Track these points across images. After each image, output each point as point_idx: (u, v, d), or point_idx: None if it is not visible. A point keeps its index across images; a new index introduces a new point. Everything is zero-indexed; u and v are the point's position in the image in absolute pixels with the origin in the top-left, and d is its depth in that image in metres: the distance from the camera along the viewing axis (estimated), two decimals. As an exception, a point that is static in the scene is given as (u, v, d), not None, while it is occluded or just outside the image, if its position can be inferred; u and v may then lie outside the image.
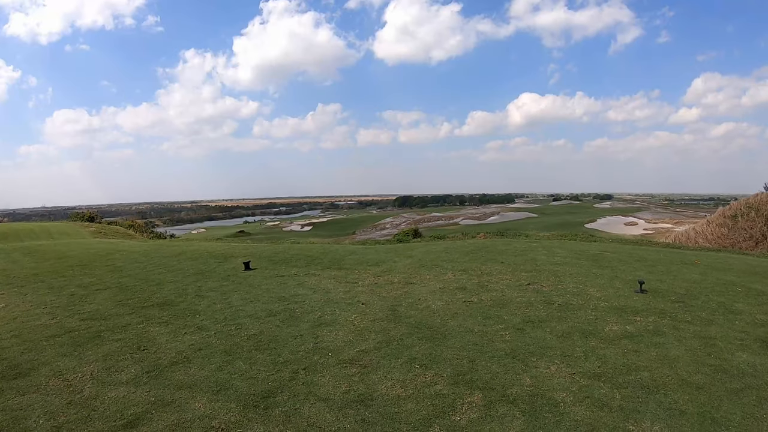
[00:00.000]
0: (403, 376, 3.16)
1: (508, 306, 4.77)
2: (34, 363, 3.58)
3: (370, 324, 4.27)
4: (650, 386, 3.00)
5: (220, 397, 2.93)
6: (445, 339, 3.84)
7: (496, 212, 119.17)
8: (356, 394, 2.93)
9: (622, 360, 3.40)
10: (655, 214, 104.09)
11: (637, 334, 3.95)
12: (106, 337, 4.14)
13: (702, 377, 3.14)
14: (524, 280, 5.85)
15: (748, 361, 3.43)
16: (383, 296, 5.24)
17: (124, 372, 3.36)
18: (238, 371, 3.30)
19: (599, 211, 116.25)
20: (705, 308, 4.75)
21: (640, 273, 6.35)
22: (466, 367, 3.29)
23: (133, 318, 4.69)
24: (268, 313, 4.67)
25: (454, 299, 5.05)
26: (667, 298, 5.09)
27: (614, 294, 5.20)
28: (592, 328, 4.07)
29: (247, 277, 6.56)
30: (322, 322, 4.35)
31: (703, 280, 6.08)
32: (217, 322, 4.44)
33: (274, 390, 3.00)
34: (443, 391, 2.94)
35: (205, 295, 5.52)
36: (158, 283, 6.41)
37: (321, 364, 3.39)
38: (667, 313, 4.53)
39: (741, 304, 4.92)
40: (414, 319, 4.37)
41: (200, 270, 7.33)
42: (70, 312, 5.04)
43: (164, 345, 3.87)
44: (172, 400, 2.90)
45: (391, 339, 3.86)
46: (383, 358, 3.48)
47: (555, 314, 4.49)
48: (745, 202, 23.50)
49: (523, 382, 3.05)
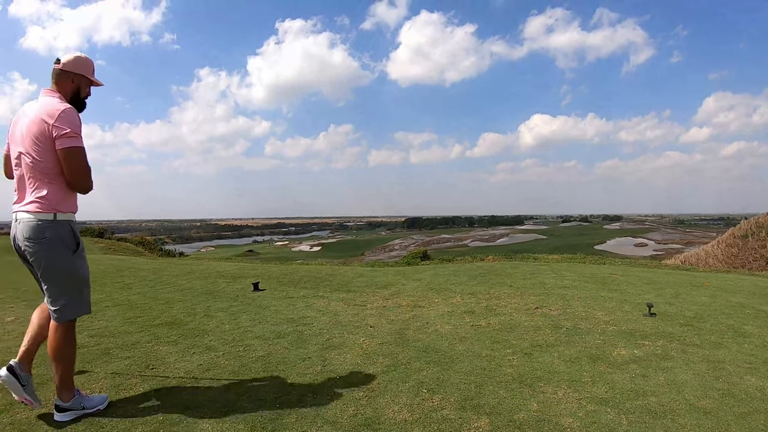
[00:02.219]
0: (411, 400, 3.16)
1: (516, 330, 4.78)
2: (42, 378, 3.60)
3: (378, 347, 4.28)
4: (657, 411, 2.99)
5: (228, 418, 2.94)
6: (453, 363, 3.85)
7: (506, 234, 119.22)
8: (363, 417, 2.94)
9: (629, 385, 3.40)
10: (665, 235, 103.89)
11: (645, 358, 3.94)
12: (115, 354, 4.16)
13: (710, 402, 3.13)
14: (532, 304, 5.85)
15: (757, 384, 3.41)
16: (391, 319, 5.25)
17: (132, 390, 3.37)
18: (246, 392, 3.32)
19: (609, 233, 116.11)
20: (714, 331, 4.74)
21: (649, 296, 6.34)
22: (473, 392, 3.29)
23: (142, 336, 4.71)
24: (276, 335, 4.69)
25: (462, 323, 5.06)
26: (676, 321, 5.08)
27: (622, 318, 5.19)
28: (599, 353, 4.07)
29: (255, 298, 6.58)
30: (330, 345, 4.36)
31: (712, 302, 6.07)
32: (226, 343, 4.46)
33: (282, 412, 3.01)
34: (450, 416, 2.95)
35: (213, 315, 5.55)
36: (167, 301, 6.44)
37: (328, 387, 3.40)
38: (675, 337, 4.52)
39: (750, 327, 4.91)
40: (422, 343, 4.38)
41: (209, 289, 7.36)
42: (79, 328, 5.04)
43: (173, 364, 3.88)
44: (179, 420, 2.91)
45: (398, 363, 3.87)
46: (391, 381, 3.48)
47: (563, 339, 4.49)
48: (755, 222, 23.46)
49: (530, 408, 3.05)
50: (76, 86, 3.01)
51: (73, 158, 2.79)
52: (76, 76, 3.00)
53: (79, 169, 2.84)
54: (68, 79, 2.97)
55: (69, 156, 2.78)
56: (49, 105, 2.82)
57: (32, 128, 2.77)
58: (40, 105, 2.84)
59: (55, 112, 2.77)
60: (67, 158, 2.78)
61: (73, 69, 2.98)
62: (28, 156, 2.79)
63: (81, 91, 3.04)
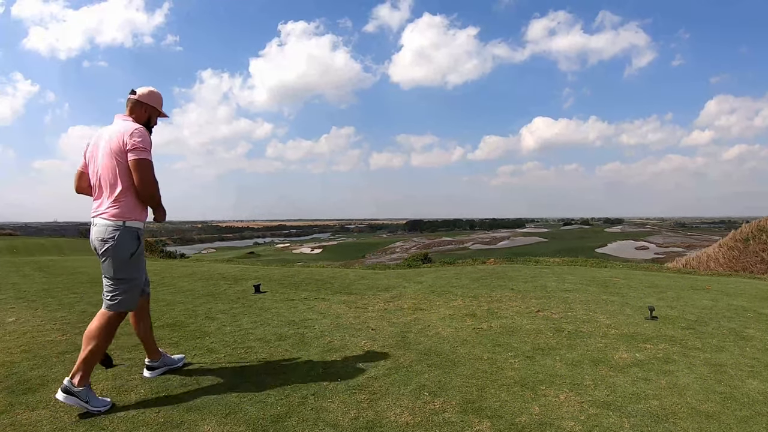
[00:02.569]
0: (412, 403, 3.16)
1: (517, 333, 4.77)
2: (43, 379, 3.61)
3: (380, 350, 4.28)
4: (659, 415, 2.99)
5: (229, 420, 2.94)
6: (455, 366, 3.84)
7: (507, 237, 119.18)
8: (365, 420, 2.94)
9: (631, 388, 3.39)
10: (666, 238, 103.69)
11: (646, 361, 3.94)
12: (116, 356, 4.15)
13: (712, 405, 3.13)
14: (534, 307, 5.85)
15: (759, 388, 3.41)
16: (393, 322, 5.25)
17: (134, 392, 3.38)
18: (247, 395, 3.32)
19: (610, 236, 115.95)
20: (715, 335, 4.73)
21: (651, 299, 6.34)
22: (475, 395, 3.28)
23: (144, 339, 4.71)
24: (277, 337, 4.69)
25: (464, 326, 5.06)
26: (678, 324, 5.07)
27: (624, 321, 5.19)
28: (601, 356, 4.06)
29: (257, 300, 6.58)
30: (332, 348, 4.36)
31: (714, 305, 6.06)
32: (227, 345, 4.46)
33: (284, 414, 3.01)
34: (452, 419, 2.94)
35: (215, 317, 5.55)
36: (168, 303, 6.45)
37: (330, 390, 3.39)
38: (677, 340, 4.51)
39: (752, 330, 4.90)
40: (423, 346, 4.38)
41: (210, 291, 7.37)
42: (81, 329, 5.06)
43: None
44: (181, 422, 2.91)
45: (400, 365, 3.86)
46: (392, 384, 3.48)
47: (564, 342, 4.48)
48: (757, 225, 23.38)
49: (531, 411, 3.05)
50: (147, 115, 3.52)
51: (141, 169, 3.25)
52: (149, 107, 3.52)
53: (146, 179, 3.29)
54: (142, 108, 3.49)
55: (138, 166, 3.25)
56: (124, 126, 3.33)
57: (111, 145, 3.27)
58: (117, 126, 3.35)
59: (130, 129, 3.28)
60: (137, 168, 3.24)
61: (147, 101, 3.51)
62: (106, 171, 3.28)
63: (151, 120, 3.56)
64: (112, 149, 3.26)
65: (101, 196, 3.33)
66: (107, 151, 3.28)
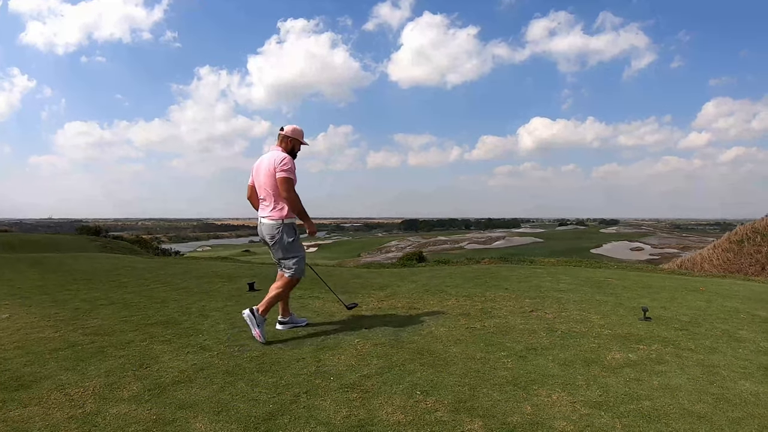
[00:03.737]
0: (404, 402, 3.16)
1: (510, 333, 4.77)
2: (36, 375, 3.60)
3: (373, 349, 4.27)
4: (651, 415, 2.99)
5: (221, 418, 2.94)
6: (447, 365, 3.84)
7: (502, 237, 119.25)
8: (357, 419, 2.93)
9: (623, 389, 3.39)
10: (661, 240, 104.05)
11: (639, 362, 3.94)
12: (109, 353, 4.15)
13: (704, 406, 3.13)
14: (528, 307, 5.85)
15: (751, 389, 3.41)
16: (386, 321, 5.24)
17: (126, 389, 3.37)
18: (239, 393, 3.31)
19: (605, 236, 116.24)
20: (709, 336, 4.74)
21: (645, 300, 6.35)
22: (467, 395, 3.28)
23: (137, 335, 4.71)
24: (271, 335, 4.69)
25: (457, 325, 5.05)
26: (671, 325, 5.08)
27: (617, 321, 5.19)
28: (594, 356, 4.07)
29: (251, 298, 6.58)
30: (325, 346, 4.36)
31: (708, 307, 6.07)
32: (220, 343, 4.45)
33: (275, 413, 3.01)
34: (444, 418, 2.94)
35: (208, 315, 5.54)
36: (162, 300, 6.44)
37: (322, 388, 3.39)
38: (670, 341, 4.52)
39: (745, 332, 4.92)
40: (416, 345, 4.37)
41: (205, 289, 7.36)
42: (74, 326, 5.07)
43: (167, 363, 3.88)
44: (173, 419, 2.91)
45: (393, 364, 3.86)
46: (384, 383, 3.48)
47: (558, 342, 4.48)
48: (752, 227, 23.47)
49: (523, 411, 3.05)
50: (291, 145, 4.84)
51: (284, 185, 4.57)
52: (293, 139, 4.84)
53: (288, 192, 4.59)
54: (288, 141, 4.83)
55: (282, 183, 4.57)
56: (276, 154, 4.68)
57: (269, 168, 4.62)
58: (271, 155, 4.70)
59: (280, 158, 4.62)
60: (282, 185, 4.57)
61: (291, 135, 4.84)
62: (267, 186, 4.67)
63: (294, 149, 4.87)
64: (269, 171, 4.62)
65: (265, 203, 4.75)
66: (266, 172, 4.64)
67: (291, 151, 4.83)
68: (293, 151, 4.86)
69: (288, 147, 4.82)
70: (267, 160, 4.69)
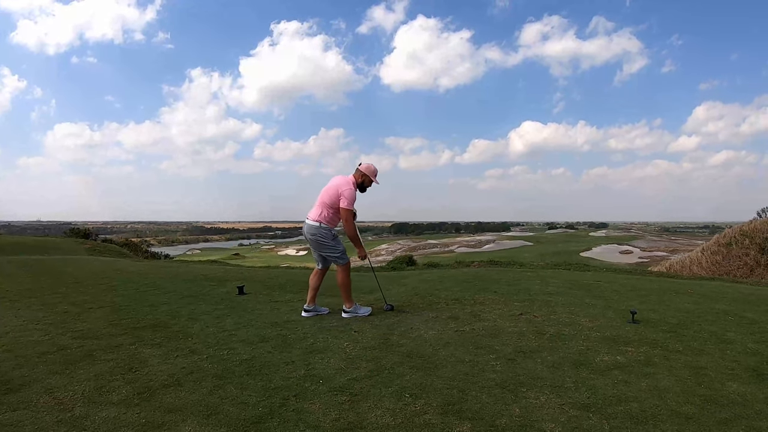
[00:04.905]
0: (393, 405, 3.16)
1: (499, 336, 4.78)
2: (25, 379, 3.58)
3: (362, 352, 4.27)
4: (639, 417, 3.00)
5: (211, 421, 2.93)
6: (436, 368, 3.85)
7: (492, 240, 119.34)
8: (346, 422, 2.93)
9: (612, 391, 3.41)
10: (650, 243, 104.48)
11: (627, 364, 3.96)
12: (98, 356, 4.14)
13: (692, 408, 3.15)
14: (517, 310, 5.86)
15: (739, 390, 3.43)
16: (376, 324, 5.25)
17: (115, 393, 3.35)
18: (229, 396, 3.30)
19: (594, 240, 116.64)
20: (697, 338, 4.77)
21: (633, 303, 6.38)
22: (456, 397, 3.29)
23: (126, 338, 4.69)
24: (260, 339, 4.68)
25: (446, 328, 5.06)
26: (659, 328, 5.11)
27: (606, 324, 5.21)
28: (583, 359, 4.08)
29: (240, 302, 6.57)
30: (314, 349, 4.36)
31: (696, 309, 6.11)
32: (210, 346, 4.44)
33: (265, 416, 3.00)
34: (432, 421, 2.95)
35: (198, 318, 5.53)
36: (152, 304, 6.41)
37: (312, 392, 3.39)
38: (658, 344, 4.54)
39: (733, 333, 4.95)
40: (405, 348, 4.38)
41: (194, 292, 7.33)
42: (63, 330, 5.04)
43: (156, 367, 3.87)
44: (162, 423, 2.90)
45: (382, 367, 3.86)
46: (374, 386, 3.48)
47: (546, 344, 4.50)
48: (740, 230, 23.64)
49: (512, 413, 3.05)
50: (362, 179, 5.61)
51: (345, 214, 5.43)
52: (365, 175, 5.61)
53: (347, 222, 5.46)
54: (360, 174, 5.60)
55: (343, 212, 5.42)
56: (345, 179, 5.55)
57: (335, 188, 5.47)
58: (343, 179, 5.54)
59: (346, 185, 5.45)
60: (343, 213, 5.43)
61: (364, 171, 5.60)
62: (323, 197, 5.52)
63: (365, 183, 5.65)
64: (333, 189, 5.47)
65: (315, 208, 5.53)
66: (331, 189, 5.48)
67: (361, 185, 5.59)
68: (363, 185, 5.62)
69: (359, 180, 5.57)
70: (337, 180, 5.54)
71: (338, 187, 5.42)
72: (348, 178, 5.54)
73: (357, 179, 5.55)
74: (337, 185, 5.45)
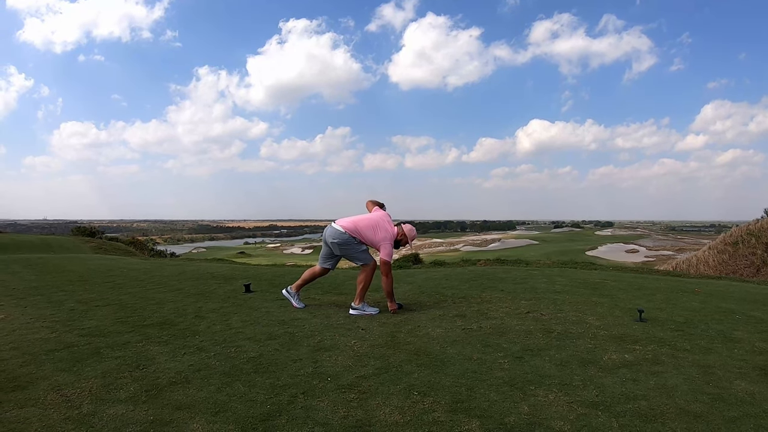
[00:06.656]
0: (402, 403, 3.16)
1: (507, 334, 4.77)
2: (32, 376, 3.58)
3: (370, 350, 4.27)
4: (648, 415, 2.99)
5: (219, 418, 2.93)
6: (444, 366, 3.84)
7: (497, 239, 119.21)
8: (354, 419, 2.93)
9: (620, 389, 3.40)
10: (656, 242, 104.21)
11: (635, 362, 3.95)
12: (105, 354, 4.14)
13: (700, 406, 3.14)
14: (524, 309, 5.85)
15: (747, 389, 3.42)
16: (383, 322, 5.25)
17: (123, 390, 3.36)
18: (236, 393, 3.30)
19: (600, 239, 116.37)
20: (704, 336, 4.75)
21: (640, 301, 6.36)
22: (464, 395, 3.28)
23: (133, 336, 4.70)
24: (267, 336, 4.68)
25: (453, 326, 5.05)
26: (667, 326, 5.09)
27: (613, 322, 5.20)
28: (590, 357, 4.07)
29: (247, 300, 6.57)
30: (322, 347, 4.35)
31: (703, 308, 6.08)
32: (217, 344, 4.44)
33: (273, 413, 3.00)
34: (441, 419, 2.94)
35: (205, 316, 5.53)
36: (158, 302, 6.42)
37: (320, 389, 3.38)
38: (666, 342, 4.53)
39: (740, 332, 4.92)
40: (413, 346, 4.37)
41: (201, 290, 7.34)
42: (70, 327, 5.05)
43: (163, 364, 3.87)
44: (170, 420, 2.90)
45: (390, 365, 3.86)
46: (382, 384, 3.48)
47: (554, 343, 4.49)
48: (746, 228, 23.53)
49: (521, 411, 3.05)
50: (400, 237, 5.83)
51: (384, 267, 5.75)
52: (404, 235, 5.86)
53: (385, 275, 5.77)
54: (401, 232, 5.84)
55: (382, 265, 5.75)
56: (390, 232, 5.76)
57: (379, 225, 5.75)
58: (389, 222, 5.88)
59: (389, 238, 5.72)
60: (382, 266, 5.75)
61: (407, 234, 5.88)
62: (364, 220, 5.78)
63: (401, 241, 5.87)
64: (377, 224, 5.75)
65: (349, 222, 5.77)
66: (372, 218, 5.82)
67: (398, 240, 5.81)
68: (399, 241, 5.83)
69: (398, 236, 5.81)
70: (384, 219, 5.84)
71: (380, 227, 5.72)
72: (393, 230, 5.77)
73: (398, 235, 5.81)
74: (380, 224, 5.74)
